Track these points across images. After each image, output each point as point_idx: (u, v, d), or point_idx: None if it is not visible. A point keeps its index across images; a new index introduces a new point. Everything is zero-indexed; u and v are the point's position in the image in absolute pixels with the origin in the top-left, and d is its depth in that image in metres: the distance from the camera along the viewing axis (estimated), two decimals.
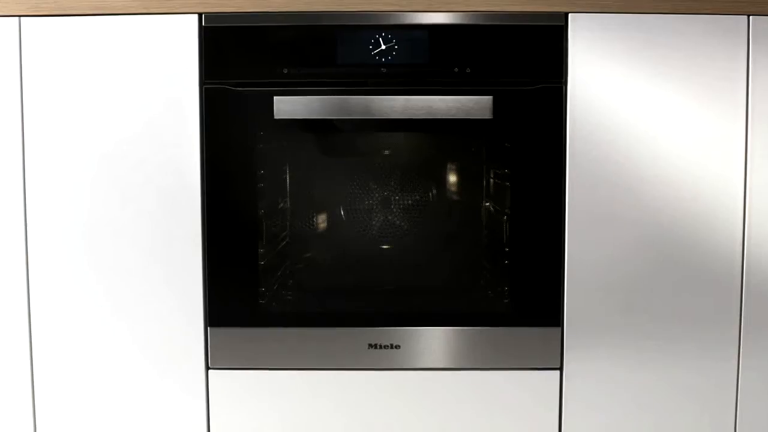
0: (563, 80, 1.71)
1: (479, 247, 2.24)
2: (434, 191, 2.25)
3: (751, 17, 1.67)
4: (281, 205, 2.25)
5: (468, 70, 1.72)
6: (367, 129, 2.10)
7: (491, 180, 2.21)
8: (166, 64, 1.71)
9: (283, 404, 1.83)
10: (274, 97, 1.72)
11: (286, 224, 2.25)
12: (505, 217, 1.93)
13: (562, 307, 1.78)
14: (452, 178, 2.27)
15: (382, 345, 1.84)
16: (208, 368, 1.80)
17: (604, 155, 1.73)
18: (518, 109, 1.74)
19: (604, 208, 1.74)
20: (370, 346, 1.84)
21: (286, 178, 2.26)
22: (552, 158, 1.75)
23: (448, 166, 2.25)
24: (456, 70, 1.72)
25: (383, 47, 1.72)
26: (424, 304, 2.05)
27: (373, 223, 2.20)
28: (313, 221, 2.28)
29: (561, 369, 1.79)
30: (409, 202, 2.17)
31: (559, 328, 1.78)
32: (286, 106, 1.73)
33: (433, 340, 1.90)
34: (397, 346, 1.88)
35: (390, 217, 2.19)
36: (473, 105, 1.73)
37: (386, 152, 2.18)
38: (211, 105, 1.72)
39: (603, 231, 1.75)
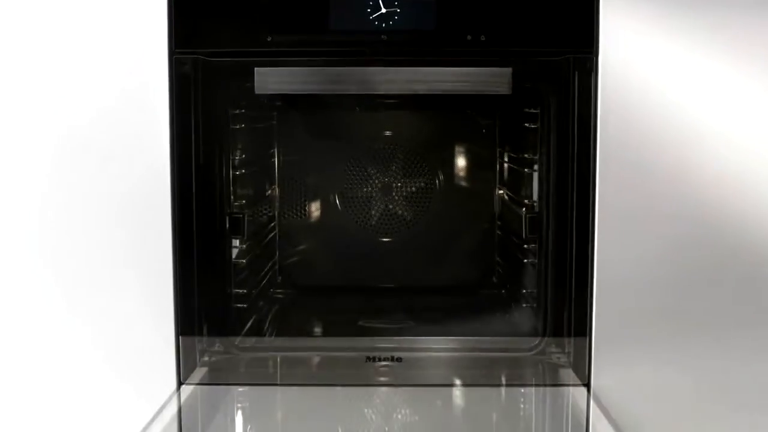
0: (594, 50, 1.48)
1: (491, 241, 2.08)
2: (441, 177, 2.07)
3: None
4: (269, 192, 2.07)
5: (483, 38, 1.49)
6: (365, 106, 1.99)
7: (506, 165, 2.04)
8: (128, 30, 1.50)
9: (266, 427, 1.59)
10: (255, 69, 1.49)
11: (274, 214, 2.08)
12: (524, 209, 1.71)
13: (590, 313, 1.53)
14: (461, 163, 2.08)
15: (382, 358, 1.61)
16: (180, 383, 1.57)
17: (641, 138, 1.50)
18: (541, 83, 1.52)
19: (642, 199, 1.51)
20: (368, 359, 1.60)
21: (274, 162, 2.08)
22: (581, 141, 1.51)
23: (457, 148, 2.08)
24: (469, 37, 1.50)
25: (383, 11, 1.51)
26: (429, 306, 1.88)
27: (372, 213, 2.04)
28: (305, 211, 2.11)
29: (588, 385, 1.55)
30: (413, 189, 2.03)
31: (587, 338, 1.54)
32: (270, 79, 1.50)
33: (440, 352, 1.67)
34: (399, 359, 1.63)
35: (391, 207, 2.04)
36: (489, 78, 1.50)
37: (387, 133, 2.03)
38: (181, 78, 1.50)
39: (640, 225, 1.52)
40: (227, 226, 1.63)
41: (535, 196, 1.68)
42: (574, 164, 1.52)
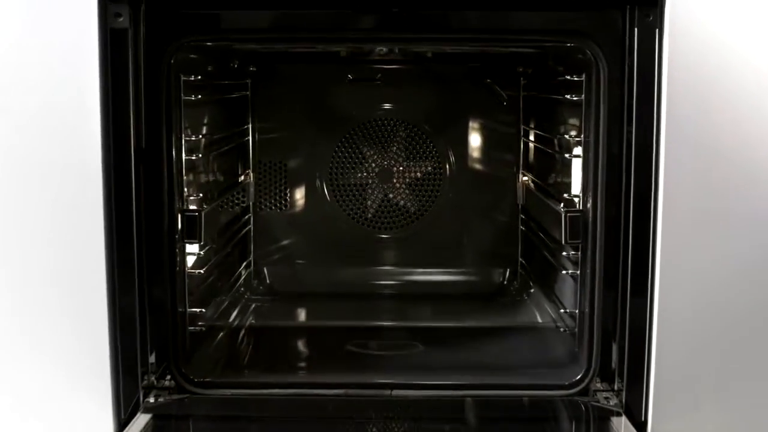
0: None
1: (513, 239, 1.89)
2: (452, 160, 1.87)
3: None
4: (242, 178, 1.88)
5: None
6: (360, 72, 1.80)
7: (531, 145, 1.82)
8: None
9: None
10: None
11: (248, 205, 1.90)
12: (562, 206, 1.46)
13: (650, 342, 1.30)
14: (477, 142, 1.88)
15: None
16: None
17: (720, 115, 1.27)
18: (589, 41, 1.29)
19: (720, 194, 1.29)
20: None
21: (248, 141, 1.90)
22: (640, 118, 1.27)
23: (472, 125, 1.87)
24: None
25: None
26: (436, 325, 1.65)
27: (369, 203, 1.85)
28: (286, 201, 1.92)
29: None
30: (417, 174, 1.85)
31: (644, 375, 1.31)
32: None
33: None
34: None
35: (391, 196, 1.86)
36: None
37: (386, 106, 1.85)
38: (116, 35, 1.25)
39: (716, 228, 1.29)
40: (179, 227, 1.36)
41: (577, 189, 1.42)
42: (631, 148, 1.30)
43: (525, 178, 1.83)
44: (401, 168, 1.84)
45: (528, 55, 1.73)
